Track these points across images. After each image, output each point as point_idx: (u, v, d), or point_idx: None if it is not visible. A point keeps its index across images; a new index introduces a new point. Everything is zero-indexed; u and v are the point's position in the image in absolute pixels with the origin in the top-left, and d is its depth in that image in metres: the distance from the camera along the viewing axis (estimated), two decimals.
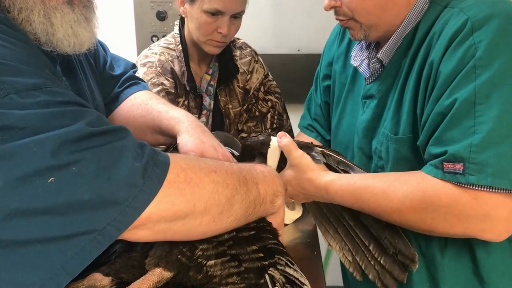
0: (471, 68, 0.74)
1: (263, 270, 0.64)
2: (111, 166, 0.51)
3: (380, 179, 0.81)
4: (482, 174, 0.70)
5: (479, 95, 0.73)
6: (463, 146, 0.72)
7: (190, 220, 0.58)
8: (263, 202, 0.69)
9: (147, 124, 0.96)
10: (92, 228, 0.50)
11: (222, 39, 1.33)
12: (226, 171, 0.64)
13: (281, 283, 0.64)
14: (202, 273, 0.62)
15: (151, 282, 0.60)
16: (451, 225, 0.74)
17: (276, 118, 1.53)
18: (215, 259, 0.63)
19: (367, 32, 0.90)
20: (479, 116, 0.72)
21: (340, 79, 1.08)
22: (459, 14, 0.79)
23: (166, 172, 0.55)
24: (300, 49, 2.18)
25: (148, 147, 0.56)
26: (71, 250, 0.50)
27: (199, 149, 0.84)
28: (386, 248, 0.79)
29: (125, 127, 0.58)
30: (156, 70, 1.36)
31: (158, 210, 0.54)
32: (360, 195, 0.81)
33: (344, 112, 1.06)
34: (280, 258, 0.67)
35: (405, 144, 0.86)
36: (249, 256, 0.65)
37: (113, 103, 1.01)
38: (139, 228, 0.54)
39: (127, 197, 0.51)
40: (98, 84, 0.96)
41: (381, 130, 0.91)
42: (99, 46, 1.01)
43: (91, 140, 0.52)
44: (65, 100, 0.55)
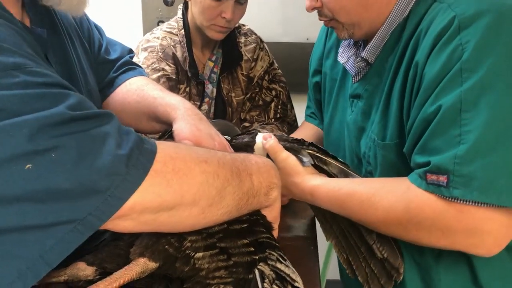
0: (457, 72, 0.69)
1: (252, 265, 0.63)
2: (93, 153, 0.49)
3: (366, 186, 0.78)
4: (467, 188, 0.66)
5: (465, 102, 0.68)
6: (448, 157, 0.67)
7: (177, 211, 0.57)
8: (256, 194, 0.67)
9: (142, 111, 0.94)
10: (72, 217, 0.48)
11: (225, 25, 1.30)
12: (218, 162, 0.62)
13: (270, 279, 0.62)
14: (189, 265, 0.61)
15: (134, 272, 0.58)
16: (437, 238, 0.70)
17: (280, 108, 1.50)
18: (203, 252, 0.62)
19: (351, 31, 0.87)
20: (465, 124, 0.67)
21: (332, 75, 1.05)
22: (446, 11, 0.73)
23: (152, 161, 0.53)
24: (308, 38, 2.14)
25: (134, 134, 0.54)
26: (51, 240, 0.48)
27: (195, 137, 0.82)
28: (375, 253, 0.76)
29: (110, 112, 0.55)
30: (158, 55, 1.34)
31: (143, 200, 0.52)
32: (345, 202, 0.78)
33: (336, 109, 1.03)
34: (271, 253, 0.65)
35: (393, 150, 0.82)
36: (239, 250, 0.63)
37: (108, 88, 0.99)
38: (122, 219, 0.53)
39: (109, 186, 0.49)
40: (92, 69, 0.94)
41: (369, 133, 0.88)
42: (95, 29, 1.00)
43: (72, 125, 0.50)
44: (46, 81, 0.53)
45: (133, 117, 0.97)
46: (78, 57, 0.87)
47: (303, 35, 2.13)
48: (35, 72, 0.53)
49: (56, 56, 0.79)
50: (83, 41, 0.93)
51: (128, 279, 0.58)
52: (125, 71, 1.01)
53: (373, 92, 0.88)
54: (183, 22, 1.38)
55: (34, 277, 0.48)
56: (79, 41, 0.91)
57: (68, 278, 0.62)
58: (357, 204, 0.76)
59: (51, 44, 0.78)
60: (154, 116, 0.92)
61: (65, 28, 0.85)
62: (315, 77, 1.13)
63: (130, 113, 0.97)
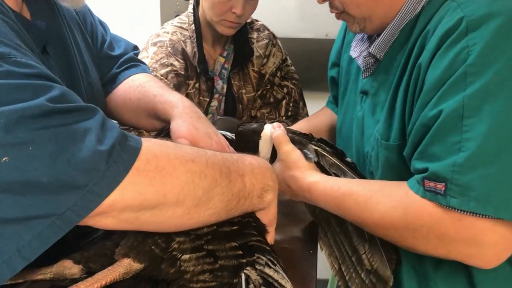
0: (461, 75, 0.66)
1: (239, 269, 0.61)
2: (72, 148, 0.49)
3: (365, 188, 0.76)
4: (465, 198, 0.64)
5: (467, 107, 0.65)
6: (446, 164, 0.65)
7: (160, 211, 0.56)
8: (249, 196, 0.66)
9: (142, 108, 0.94)
10: (50, 211, 0.48)
11: (236, 20, 1.29)
12: (207, 161, 0.60)
13: (256, 285, 0.61)
14: (175, 267, 0.60)
15: (117, 273, 0.57)
16: (434, 246, 0.68)
17: (291, 105, 1.48)
18: (190, 254, 0.61)
19: (362, 25, 0.85)
20: (466, 131, 0.65)
21: (348, 69, 1.03)
22: (455, 10, 0.71)
23: (135, 159, 0.52)
24: (328, 33, 2.10)
25: (116, 130, 0.53)
26: (29, 234, 0.48)
27: (192, 136, 0.81)
28: (364, 264, 0.75)
29: (94, 106, 0.55)
30: (167, 50, 1.34)
31: (123, 198, 0.51)
32: (342, 201, 0.76)
33: (348, 105, 1.01)
34: (260, 257, 0.64)
35: (395, 152, 0.80)
36: (226, 253, 0.62)
37: (110, 84, 0.99)
38: (102, 216, 0.52)
39: (88, 181, 0.49)
40: (94, 63, 0.94)
41: (373, 132, 0.86)
42: (98, 24, 1.00)
43: (52, 118, 0.50)
44: (30, 72, 0.53)
45: (134, 114, 0.98)
46: (79, 50, 0.88)
47: (322, 31, 2.09)
48: (20, 62, 0.53)
49: (56, 49, 0.79)
50: (86, 36, 0.93)
51: (111, 280, 0.57)
52: (128, 68, 1.01)
53: (379, 89, 0.87)
54: (193, 17, 1.37)
55: (10, 271, 0.48)
56: (81, 35, 0.91)
57: (54, 276, 0.62)
58: (353, 204, 0.75)
59: (51, 37, 0.78)
60: (154, 114, 0.92)
61: (67, 21, 0.86)
62: (332, 70, 1.12)
63: (131, 110, 0.97)
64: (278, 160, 0.88)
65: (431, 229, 0.67)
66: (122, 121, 1.04)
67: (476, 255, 0.66)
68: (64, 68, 0.80)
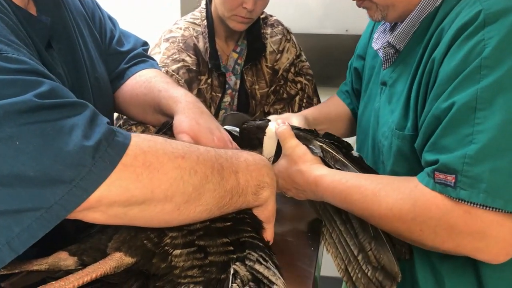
0: (475, 68, 0.67)
1: (228, 265, 0.62)
2: (58, 143, 0.50)
3: (373, 181, 0.76)
4: (474, 190, 0.64)
5: (481, 100, 0.66)
6: (457, 156, 0.66)
7: (148, 206, 0.56)
8: (242, 193, 0.66)
9: (148, 103, 0.95)
10: (38, 205, 0.49)
11: (247, 15, 1.30)
12: (198, 158, 0.60)
13: (245, 280, 0.61)
14: (166, 262, 0.61)
15: (108, 267, 0.58)
16: (442, 240, 0.68)
17: (305, 101, 1.48)
18: (181, 249, 0.61)
19: (385, 13, 0.85)
20: (478, 123, 0.65)
21: (372, 63, 1.03)
22: (474, 4, 0.71)
23: (122, 154, 0.53)
24: (348, 29, 2.08)
25: (104, 126, 0.54)
26: (18, 226, 0.49)
27: (193, 131, 0.82)
28: (371, 261, 0.75)
29: (84, 102, 0.56)
30: (179, 46, 1.35)
31: (109, 193, 0.52)
32: (350, 194, 0.76)
33: (370, 97, 1.02)
34: (251, 253, 0.64)
35: (408, 142, 0.80)
36: (217, 249, 0.63)
37: (118, 79, 1.01)
38: (91, 210, 0.53)
39: (74, 177, 0.50)
40: (102, 58, 0.96)
41: (388, 122, 0.86)
42: (107, 20, 1.01)
43: (39, 113, 0.51)
44: (20, 68, 0.54)
45: (140, 109, 0.99)
46: (86, 45, 0.89)
47: (343, 26, 2.07)
48: (10, 58, 0.54)
49: (61, 43, 0.81)
50: (94, 31, 0.95)
51: (101, 274, 0.58)
52: (137, 63, 1.02)
53: (397, 80, 0.87)
54: (206, 13, 1.38)
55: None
56: (89, 30, 0.93)
57: (49, 267, 0.64)
58: (361, 198, 0.75)
59: (56, 32, 0.80)
60: (159, 109, 0.93)
61: (73, 17, 0.88)
62: (357, 62, 1.12)
63: (138, 105, 0.98)
64: (283, 155, 0.88)
65: (439, 222, 0.67)
66: (129, 116, 1.06)
67: (483, 249, 0.66)
68: (69, 63, 0.82)
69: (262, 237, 0.71)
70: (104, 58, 0.97)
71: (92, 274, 0.58)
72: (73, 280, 0.56)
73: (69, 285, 0.55)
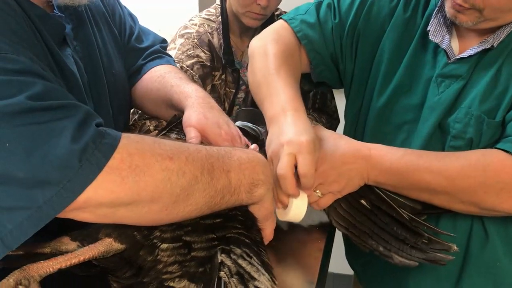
0: None
1: (208, 259, 0.64)
2: (47, 146, 0.52)
3: (434, 153, 0.83)
4: None
5: None
6: None
7: (135, 207, 0.59)
8: (235, 192, 0.68)
9: (161, 98, 1.00)
10: (28, 204, 0.52)
11: (261, 12, 1.36)
12: (187, 158, 0.62)
13: (232, 269, 0.63)
14: (152, 255, 0.63)
15: (97, 251, 0.61)
16: (501, 201, 0.76)
17: (319, 97, 1.49)
18: (168, 243, 0.64)
19: (479, 23, 0.86)
20: None
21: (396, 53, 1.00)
22: None
23: (109, 157, 0.55)
24: None
25: (93, 129, 0.56)
26: (11, 223, 0.52)
27: (200, 125, 0.85)
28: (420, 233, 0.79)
29: (77, 104, 0.58)
30: (193, 42, 1.41)
31: (96, 195, 0.55)
32: (419, 155, 0.82)
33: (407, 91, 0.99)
34: (234, 248, 0.66)
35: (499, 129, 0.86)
36: (201, 245, 0.65)
37: (135, 75, 1.07)
38: (79, 210, 0.56)
39: (61, 179, 0.52)
40: (121, 54, 1.03)
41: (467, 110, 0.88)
42: (128, 17, 1.08)
43: (30, 116, 0.53)
44: (16, 68, 0.57)
45: (154, 104, 1.04)
46: (104, 42, 0.96)
47: None
48: (8, 58, 0.57)
49: (77, 41, 0.87)
50: (113, 28, 1.02)
51: (90, 257, 0.61)
52: (153, 59, 1.08)
53: (481, 71, 0.89)
54: (221, 9, 1.43)
55: None
56: (108, 27, 1.00)
57: (51, 250, 0.68)
58: (426, 162, 0.80)
59: (74, 29, 0.86)
60: (171, 104, 0.98)
61: (92, 14, 0.94)
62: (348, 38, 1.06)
63: (152, 100, 1.04)
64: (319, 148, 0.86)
65: (506, 185, 0.74)
66: (144, 111, 1.12)
67: None
68: (86, 59, 0.88)
69: (253, 234, 0.72)
70: (123, 54, 1.04)
71: (80, 257, 0.61)
72: (62, 260, 0.60)
73: (57, 265, 0.59)
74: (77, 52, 0.85)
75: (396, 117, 0.99)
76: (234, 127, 0.90)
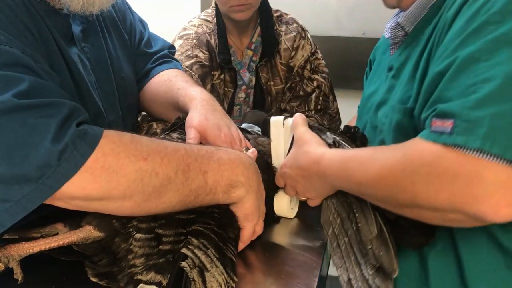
0: (483, 24, 0.66)
1: (170, 253, 0.65)
2: (28, 145, 0.55)
3: (370, 149, 0.79)
4: (472, 135, 0.61)
5: (485, 51, 0.64)
6: (457, 102, 0.64)
7: (108, 202, 0.62)
8: (210, 193, 0.70)
9: (169, 101, 1.03)
10: (7, 197, 0.55)
11: (241, 1, 1.37)
12: (162, 159, 0.64)
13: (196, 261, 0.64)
14: (126, 244, 0.65)
15: (76, 237, 0.64)
16: (436, 189, 0.63)
17: (321, 99, 1.52)
18: (142, 234, 0.66)
19: None
20: (482, 73, 0.63)
21: (380, 57, 1.07)
22: None
23: (87, 156, 0.58)
24: (365, 32, 2.07)
25: (73, 130, 0.58)
26: None
27: (201, 127, 0.88)
28: (370, 259, 0.73)
29: (62, 102, 0.61)
30: (192, 42, 1.43)
31: (68, 190, 0.58)
32: (347, 163, 0.77)
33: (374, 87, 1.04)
34: (191, 239, 0.67)
35: (408, 116, 0.81)
36: (169, 239, 0.66)
37: (144, 79, 1.10)
38: (55, 201, 0.60)
39: (40, 176, 0.55)
40: (130, 59, 1.06)
41: (390, 102, 0.89)
42: (138, 23, 1.11)
43: (14, 114, 0.56)
44: (5, 61, 0.59)
45: (162, 106, 1.07)
46: (114, 46, 0.99)
47: (359, 29, 2.06)
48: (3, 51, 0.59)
49: (86, 42, 0.89)
50: (123, 34, 1.05)
51: (69, 242, 0.64)
52: (161, 63, 1.12)
53: (405, 62, 0.89)
54: (216, 10, 1.49)
55: None
56: (118, 32, 1.03)
57: (45, 235, 0.68)
58: (357, 164, 0.75)
59: (84, 32, 0.88)
60: (177, 106, 1.01)
61: (103, 19, 0.97)
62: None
63: (160, 103, 1.06)
64: (293, 143, 0.90)
65: (431, 168, 0.64)
66: (152, 113, 1.15)
67: (482, 196, 0.59)
68: (94, 60, 0.90)
69: (226, 231, 0.73)
70: (133, 59, 1.07)
71: (60, 241, 0.64)
72: (42, 244, 0.63)
73: (36, 247, 0.62)
74: (85, 53, 0.88)
75: (365, 113, 1.02)
76: (235, 130, 0.92)
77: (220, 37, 1.43)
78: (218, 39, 1.43)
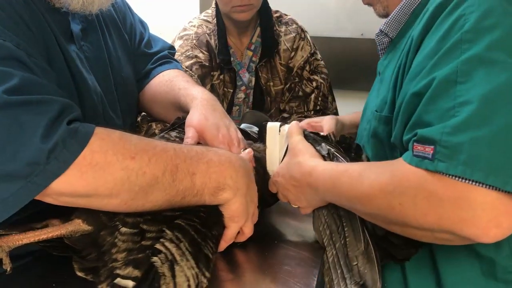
0: (456, 42, 0.66)
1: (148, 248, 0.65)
2: (18, 143, 0.55)
3: (361, 165, 0.78)
4: (453, 162, 0.61)
5: (461, 73, 0.64)
6: (437, 127, 0.64)
7: (95, 199, 0.62)
8: (197, 194, 0.70)
9: (170, 101, 1.04)
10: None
11: (244, 2, 1.39)
12: (150, 159, 0.64)
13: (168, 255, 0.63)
14: (112, 237, 0.66)
15: (65, 230, 0.65)
16: (423, 212, 0.63)
17: (320, 100, 1.54)
18: (127, 228, 0.66)
19: (385, 4, 0.89)
20: (459, 96, 0.63)
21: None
22: None
23: (77, 155, 0.58)
24: (364, 33, 2.08)
25: (64, 128, 0.59)
26: None
27: (200, 126, 0.89)
28: (355, 275, 0.73)
29: (52, 99, 0.61)
30: (192, 43, 1.45)
31: (56, 186, 0.58)
32: (337, 178, 0.76)
33: None
34: (165, 230, 0.67)
35: (383, 124, 0.83)
36: (151, 235, 0.66)
37: (144, 79, 1.11)
38: (43, 197, 0.60)
39: (29, 174, 0.56)
40: (130, 59, 1.07)
41: (372, 107, 0.91)
42: (138, 24, 1.13)
43: (4, 111, 0.56)
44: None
45: (163, 107, 1.07)
46: (114, 46, 1.00)
47: (358, 30, 2.07)
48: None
49: (85, 41, 0.89)
50: (123, 34, 1.06)
51: (58, 235, 0.65)
52: (161, 64, 1.13)
53: (387, 67, 0.90)
54: (216, 11, 1.51)
55: None
56: (118, 33, 1.04)
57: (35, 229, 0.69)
58: (347, 179, 0.74)
59: (83, 31, 0.89)
60: (178, 106, 1.01)
61: (103, 20, 0.98)
62: None
63: (161, 103, 1.07)
64: (288, 151, 0.91)
65: (417, 190, 0.64)
66: (153, 114, 1.16)
67: (470, 219, 0.59)
68: (93, 59, 0.91)
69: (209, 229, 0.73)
70: (133, 59, 1.08)
71: (49, 234, 0.65)
72: (31, 236, 0.64)
73: (26, 239, 0.63)
74: (83, 51, 0.88)
75: None
76: (234, 131, 0.92)
77: (220, 38, 1.44)
78: (218, 40, 1.44)
